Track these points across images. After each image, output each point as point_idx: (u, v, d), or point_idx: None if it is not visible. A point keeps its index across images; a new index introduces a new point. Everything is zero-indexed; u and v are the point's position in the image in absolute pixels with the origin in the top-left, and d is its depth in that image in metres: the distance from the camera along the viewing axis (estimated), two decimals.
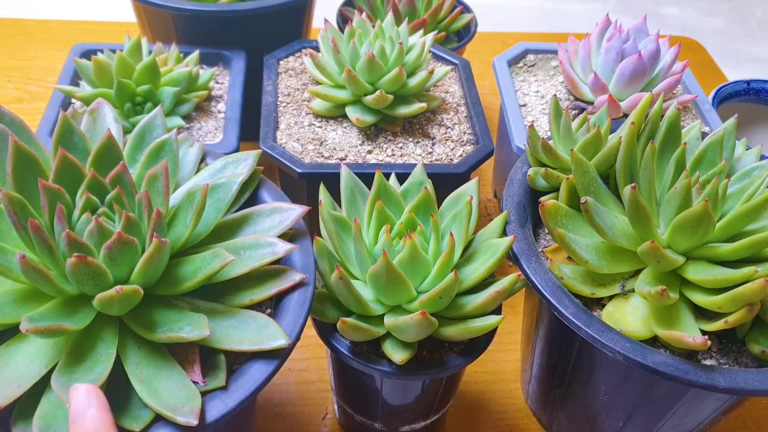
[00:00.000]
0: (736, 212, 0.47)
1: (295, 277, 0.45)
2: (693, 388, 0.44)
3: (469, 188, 0.53)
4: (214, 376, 0.41)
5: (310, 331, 0.52)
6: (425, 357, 0.49)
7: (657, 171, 0.52)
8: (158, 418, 0.38)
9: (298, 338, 0.43)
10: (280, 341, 0.41)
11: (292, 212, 0.48)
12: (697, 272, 0.47)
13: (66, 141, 0.47)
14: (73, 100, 0.71)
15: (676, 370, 0.43)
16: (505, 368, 0.70)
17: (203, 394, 0.40)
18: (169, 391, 0.39)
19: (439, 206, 0.52)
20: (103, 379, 0.38)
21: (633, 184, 0.45)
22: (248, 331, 0.42)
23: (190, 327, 0.40)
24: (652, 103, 0.56)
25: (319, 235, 0.51)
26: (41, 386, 0.39)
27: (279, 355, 0.41)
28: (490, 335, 0.50)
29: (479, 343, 0.50)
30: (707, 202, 0.44)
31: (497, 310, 0.50)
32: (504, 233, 0.52)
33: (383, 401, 0.55)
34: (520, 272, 0.49)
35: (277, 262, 0.47)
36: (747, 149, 0.56)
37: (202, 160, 0.54)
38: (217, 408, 0.39)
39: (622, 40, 0.69)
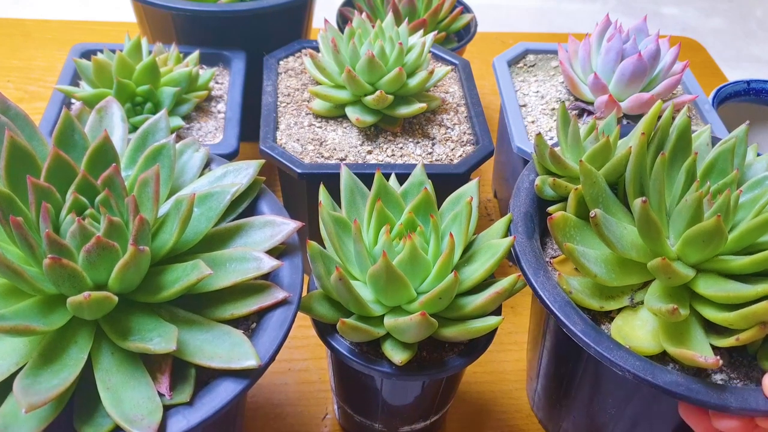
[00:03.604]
0: (748, 226, 0.46)
1: (278, 294, 0.45)
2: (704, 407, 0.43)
3: (469, 189, 0.53)
4: (181, 390, 0.40)
5: (310, 331, 0.52)
6: (425, 358, 0.49)
7: (667, 180, 0.51)
8: (118, 429, 0.38)
9: (272, 359, 0.42)
10: (250, 362, 0.40)
11: (285, 227, 0.47)
12: (708, 287, 0.46)
13: (66, 139, 0.47)
14: (74, 101, 0.71)
15: (687, 390, 0.42)
16: (506, 368, 0.70)
17: (168, 407, 0.39)
18: (133, 401, 0.38)
19: (439, 207, 0.52)
20: (67, 385, 0.37)
21: (643, 198, 0.44)
22: (221, 347, 0.41)
23: (160, 338, 0.40)
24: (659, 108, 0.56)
25: (319, 235, 0.51)
26: (9, 384, 0.38)
27: (249, 375, 0.41)
28: (489, 336, 0.50)
29: (479, 344, 0.50)
30: (719, 217, 0.43)
31: (497, 311, 0.50)
32: (506, 237, 0.52)
33: (383, 402, 0.55)
34: (519, 273, 0.49)
35: (266, 277, 0.46)
36: (758, 155, 0.55)
37: (207, 165, 0.53)
38: (179, 424, 0.38)
39: (622, 40, 0.69)
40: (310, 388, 0.67)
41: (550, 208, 0.54)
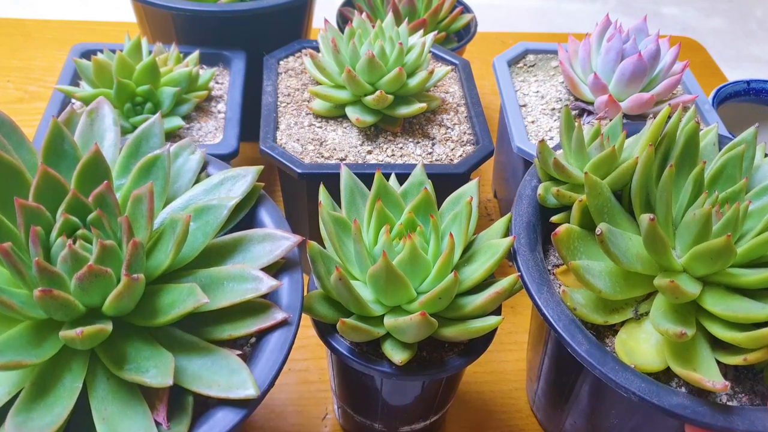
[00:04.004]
0: (757, 241, 0.45)
1: (277, 315, 0.43)
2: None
3: (469, 189, 0.53)
4: (179, 420, 0.39)
5: (310, 331, 0.52)
6: (425, 357, 0.49)
7: (673, 187, 0.50)
8: None
9: (271, 384, 0.41)
10: (249, 391, 0.39)
11: (285, 242, 0.46)
12: (715, 303, 0.45)
13: (55, 149, 0.45)
14: (73, 100, 0.71)
15: (693, 413, 0.42)
16: (506, 368, 0.70)
17: None
18: None
19: (439, 206, 0.52)
20: (60, 422, 0.37)
21: (651, 216, 0.43)
22: (219, 374, 0.40)
23: (156, 370, 0.38)
24: (660, 110, 0.55)
25: (320, 235, 0.51)
26: (3, 412, 0.38)
27: (248, 405, 0.40)
28: (489, 336, 0.50)
29: (479, 344, 0.50)
30: (729, 237, 0.42)
31: (497, 311, 0.50)
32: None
33: (383, 401, 0.55)
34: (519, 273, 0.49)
35: (265, 295, 0.45)
36: (766, 155, 0.54)
37: (203, 168, 0.52)
38: None
39: (622, 40, 0.69)
40: (310, 388, 0.67)
41: (553, 218, 0.53)
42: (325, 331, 0.50)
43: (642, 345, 0.46)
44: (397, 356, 0.46)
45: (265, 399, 0.65)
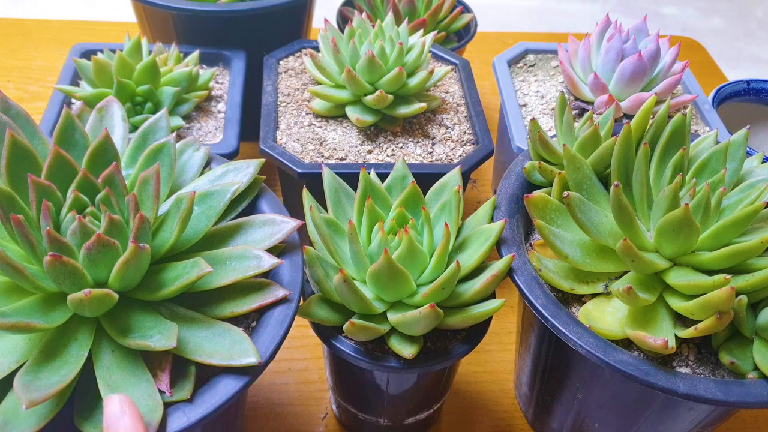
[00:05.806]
0: (723, 222, 0.46)
1: (278, 293, 0.45)
2: (652, 390, 0.43)
3: (452, 177, 0.54)
4: (181, 387, 0.40)
5: (310, 331, 0.52)
6: (430, 348, 0.49)
7: (657, 175, 0.52)
8: None
9: (272, 356, 0.42)
10: (251, 359, 0.40)
11: (285, 225, 0.48)
12: (677, 277, 0.46)
13: (67, 138, 0.47)
14: (74, 100, 0.71)
15: (636, 370, 0.42)
16: (505, 368, 0.70)
17: (168, 404, 0.39)
18: (134, 398, 0.38)
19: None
20: (67, 381, 0.38)
21: (616, 183, 0.45)
22: (221, 345, 0.41)
23: (160, 336, 0.40)
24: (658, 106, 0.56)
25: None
26: (10, 381, 0.38)
27: (249, 372, 0.41)
28: (488, 321, 0.50)
29: (479, 329, 0.50)
30: (687, 206, 0.43)
31: (493, 296, 0.50)
32: (492, 220, 0.53)
33: (389, 397, 0.55)
34: (513, 253, 0.49)
35: (265, 275, 0.46)
36: (764, 161, 0.54)
37: (207, 164, 0.54)
38: (179, 421, 0.38)
39: (622, 40, 0.69)
40: (310, 387, 0.67)
41: (535, 192, 0.54)
42: (327, 334, 0.49)
43: (606, 317, 0.47)
44: (407, 350, 0.46)
45: (265, 399, 0.66)
